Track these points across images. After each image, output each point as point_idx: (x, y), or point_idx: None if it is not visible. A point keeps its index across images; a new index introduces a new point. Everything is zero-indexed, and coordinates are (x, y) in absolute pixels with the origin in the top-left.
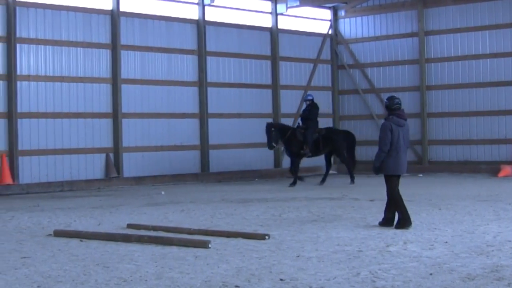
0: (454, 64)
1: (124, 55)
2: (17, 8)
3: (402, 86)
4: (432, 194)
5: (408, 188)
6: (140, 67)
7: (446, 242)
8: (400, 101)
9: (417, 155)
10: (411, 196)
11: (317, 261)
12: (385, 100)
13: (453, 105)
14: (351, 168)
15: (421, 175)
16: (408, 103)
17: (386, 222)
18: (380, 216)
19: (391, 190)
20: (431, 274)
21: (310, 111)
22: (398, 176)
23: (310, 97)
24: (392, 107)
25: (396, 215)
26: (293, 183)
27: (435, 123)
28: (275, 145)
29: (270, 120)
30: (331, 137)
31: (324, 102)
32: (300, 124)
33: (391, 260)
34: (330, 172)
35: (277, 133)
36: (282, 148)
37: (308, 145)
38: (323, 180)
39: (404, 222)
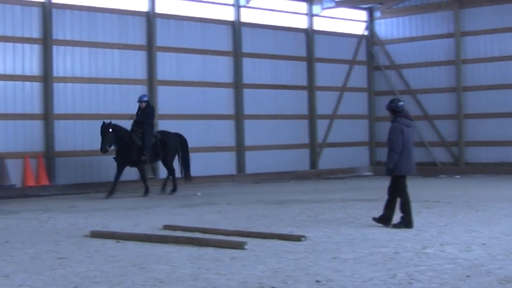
0: (490, 65)
1: (159, 56)
2: (54, 10)
3: (438, 87)
4: (469, 195)
5: (445, 190)
6: (175, 68)
7: (483, 244)
8: (404, 103)
9: (453, 157)
10: (448, 198)
11: (353, 262)
12: (389, 103)
13: (489, 106)
14: (185, 176)
15: (458, 176)
16: (444, 104)
17: (382, 220)
18: (421, 216)
19: (402, 191)
20: (468, 276)
21: (148, 114)
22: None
23: (145, 98)
24: (399, 109)
25: (393, 215)
26: (146, 192)
27: (471, 124)
28: (109, 148)
29: (306, 121)
30: (166, 141)
31: (360, 103)
32: (132, 127)
33: (427, 262)
34: (366, 173)
35: (113, 135)
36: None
37: (147, 151)
38: (174, 189)
39: (407, 223)
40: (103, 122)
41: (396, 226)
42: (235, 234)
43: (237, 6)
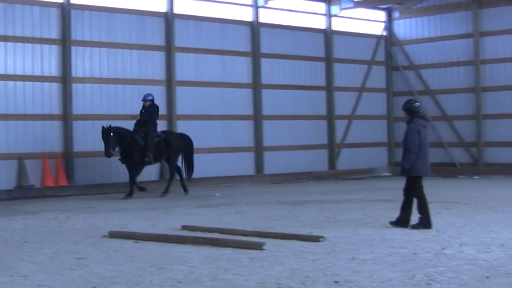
0: (509, 65)
1: (178, 57)
2: (72, 11)
3: (457, 88)
4: (488, 196)
5: (464, 190)
6: (194, 69)
7: (503, 245)
8: (420, 103)
9: (472, 157)
10: (467, 199)
11: (372, 263)
12: (406, 104)
13: (508, 106)
14: (187, 175)
15: (477, 177)
16: (463, 104)
17: (400, 222)
18: (440, 217)
19: (419, 192)
20: (487, 277)
21: (151, 113)
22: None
23: (150, 97)
24: (415, 110)
25: (410, 216)
26: (129, 194)
27: (490, 125)
28: (113, 152)
29: (324, 122)
30: (170, 140)
31: (378, 103)
32: (135, 127)
33: (446, 263)
34: (384, 174)
35: (116, 138)
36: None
37: (150, 151)
38: (185, 189)
39: (426, 224)
40: (103, 126)
41: (415, 227)
42: (253, 234)
43: (256, 7)
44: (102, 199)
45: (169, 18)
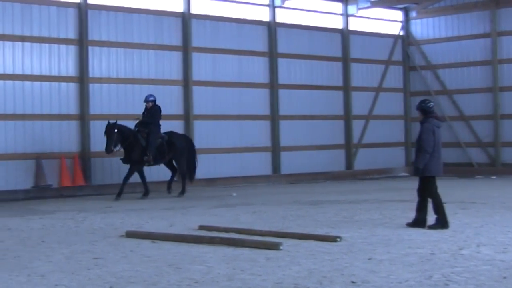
0: None
1: (195, 57)
2: (89, 11)
3: (474, 87)
4: (505, 196)
5: (481, 191)
6: (211, 69)
7: None
8: (434, 103)
9: (490, 157)
10: (484, 199)
11: (388, 263)
12: (420, 104)
13: None
14: (189, 178)
15: (494, 177)
16: (480, 104)
17: (417, 223)
18: (457, 217)
19: (433, 192)
20: (504, 277)
21: (154, 114)
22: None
23: (152, 98)
24: (429, 110)
25: (426, 216)
26: (145, 194)
27: (508, 125)
28: (113, 149)
29: (341, 122)
30: (173, 142)
31: (396, 103)
32: (136, 127)
33: (463, 263)
34: (402, 174)
35: (119, 135)
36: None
37: (151, 151)
38: (168, 190)
39: (443, 224)
40: (108, 122)
41: (432, 227)
42: (270, 234)
43: (273, 7)
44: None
45: (186, 18)
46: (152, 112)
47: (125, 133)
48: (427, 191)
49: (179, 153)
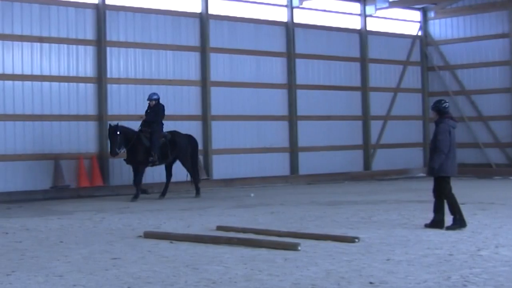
0: None
1: (213, 57)
2: (107, 11)
3: (493, 88)
4: None
5: (499, 191)
6: (229, 69)
7: None
8: (449, 104)
9: (508, 158)
10: (503, 200)
11: (407, 264)
12: (435, 104)
13: None
14: (193, 178)
15: None
16: (499, 104)
17: (435, 224)
18: (475, 218)
19: (448, 192)
20: None
21: (157, 113)
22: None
23: (155, 96)
24: (445, 110)
25: (444, 216)
26: (135, 197)
27: None
28: (118, 151)
29: (359, 122)
30: (176, 141)
31: (414, 104)
32: (141, 127)
33: (482, 264)
34: (420, 174)
35: (122, 137)
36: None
37: (155, 151)
38: (163, 193)
39: (461, 223)
40: (109, 124)
41: (450, 228)
42: (288, 235)
43: (290, 7)
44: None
45: (203, 19)
46: (156, 110)
47: (128, 134)
48: (442, 192)
49: (183, 153)
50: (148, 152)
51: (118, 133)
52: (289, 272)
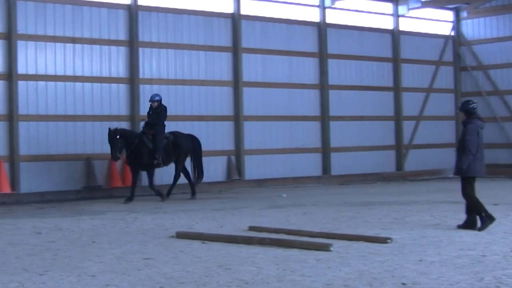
0: None
1: (245, 58)
2: (139, 12)
3: None
4: None
5: None
6: (261, 70)
7: None
8: (477, 104)
9: None
10: None
11: (439, 265)
12: (463, 105)
13: None
14: (196, 179)
15: None
16: None
17: (468, 224)
18: (509, 219)
19: (470, 192)
20: None
21: (160, 115)
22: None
23: (157, 98)
24: (473, 111)
25: (476, 217)
26: (161, 196)
27: None
28: (119, 155)
29: (392, 122)
30: (179, 142)
31: (447, 104)
32: (143, 129)
33: None
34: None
35: (122, 141)
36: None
37: (159, 153)
38: (193, 193)
39: (490, 218)
40: (109, 128)
41: (482, 228)
42: (320, 235)
43: (323, 7)
44: (169, 199)
45: (235, 19)
46: (158, 112)
47: (129, 137)
48: (462, 191)
49: (183, 155)
50: (152, 155)
51: (118, 136)
52: (321, 273)
